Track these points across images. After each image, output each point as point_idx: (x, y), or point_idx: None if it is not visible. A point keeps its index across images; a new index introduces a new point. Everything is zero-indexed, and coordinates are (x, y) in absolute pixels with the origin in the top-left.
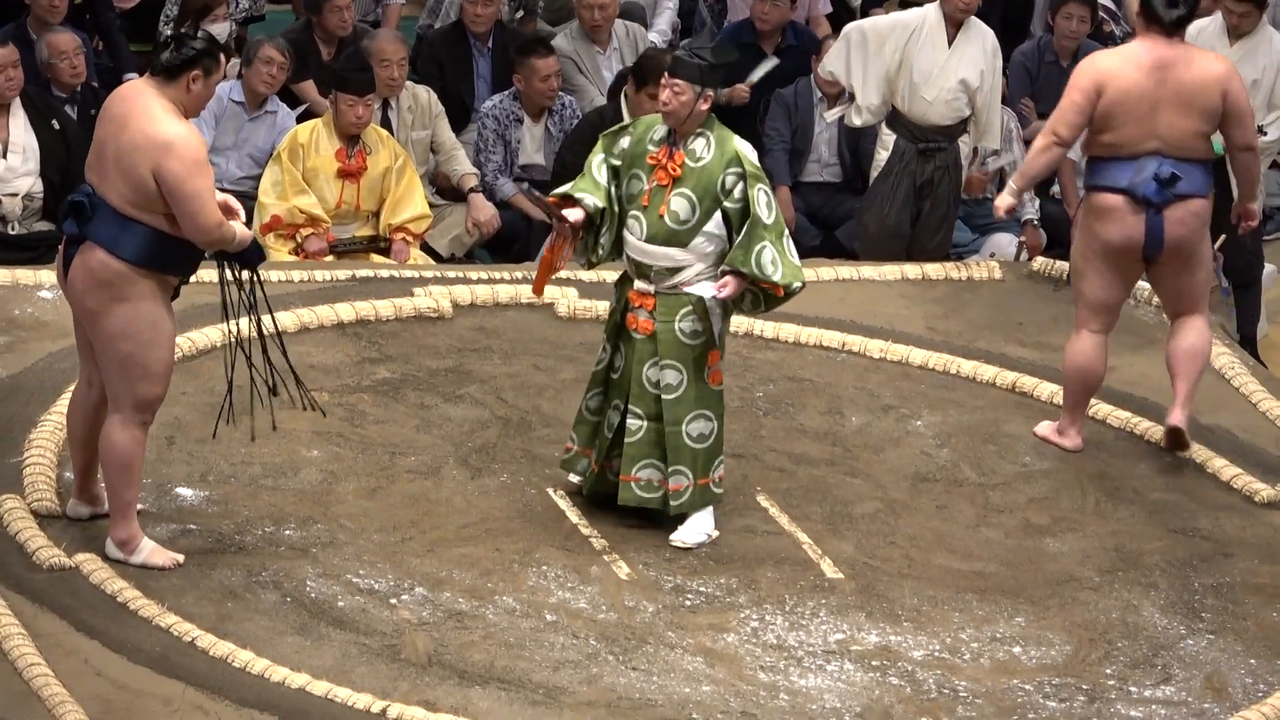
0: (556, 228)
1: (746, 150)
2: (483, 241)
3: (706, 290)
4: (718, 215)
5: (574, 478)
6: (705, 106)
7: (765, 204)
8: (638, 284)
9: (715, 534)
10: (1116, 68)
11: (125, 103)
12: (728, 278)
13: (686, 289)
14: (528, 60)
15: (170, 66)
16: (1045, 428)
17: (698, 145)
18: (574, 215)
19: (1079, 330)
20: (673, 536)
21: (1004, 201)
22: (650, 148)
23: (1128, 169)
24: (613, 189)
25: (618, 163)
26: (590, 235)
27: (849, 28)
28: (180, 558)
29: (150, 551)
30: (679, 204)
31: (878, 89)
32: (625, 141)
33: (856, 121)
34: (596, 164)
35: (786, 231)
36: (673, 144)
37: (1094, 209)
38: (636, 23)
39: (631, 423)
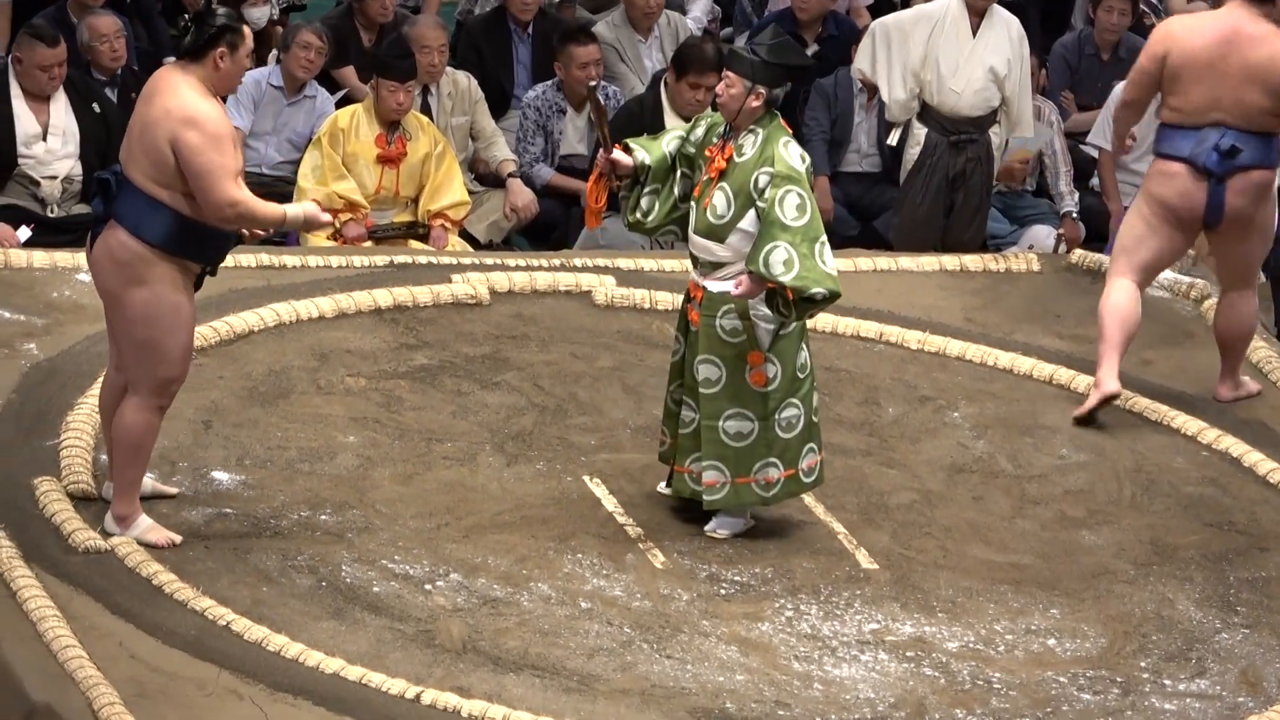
0: (599, 159)
1: (787, 153)
2: (520, 227)
3: (728, 288)
4: (752, 214)
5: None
6: (756, 103)
7: (794, 206)
8: (692, 275)
9: (750, 524)
10: (1185, 33)
11: (155, 83)
12: (742, 276)
13: (715, 285)
14: (567, 47)
15: (195, 47)
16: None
17: (746, 142)
18: (616, 154)
19: (1115, 279)
20: (707, 527)
21: (1113, 145)
22: (714, 140)
23: (1191, 138)
24: (679, 168)
25: (692, 149)
26: (635, 192)
27: (875, 24)
28: (177, 538)
29: (146, 528)
30: (718, 198)
31: (904, 83)
32: (700, 130)
33: (889, 118)
34: (670, 135)
35: (822, 238)
36: (727, 138)
37: (1158, 174)
38: (675, 11)
39: (685, 414)
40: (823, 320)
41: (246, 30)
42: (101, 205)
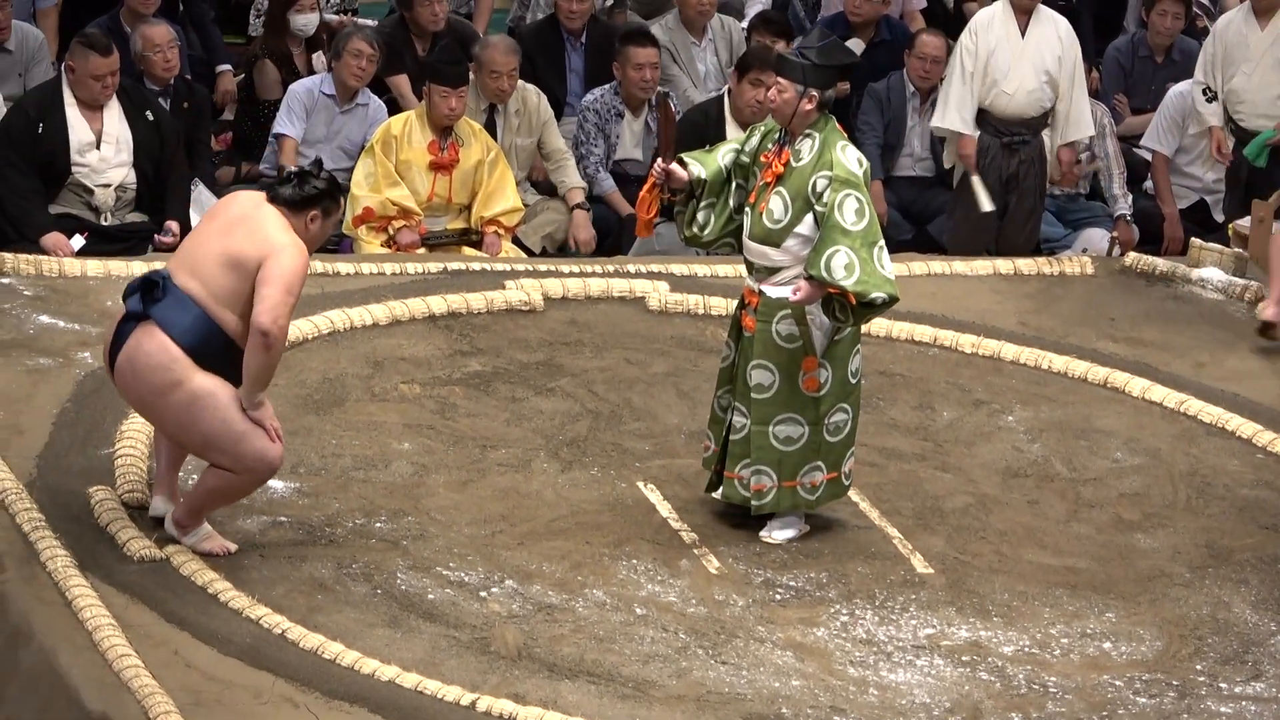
0: (654, 168)
1: (845, 157)
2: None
3: (785, 294)
4: (810, 218)
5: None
6: (810, 107)
7: (854, 210)
8: (747, 281)
9: (805, 529)
10: None
11: (247, 208)
12: (801, 281)
13: (773, 291)
14: (626, 49)
15: (292, 202)
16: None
17: (803, 146)
18: (673, 165)
19: None
20: (762, 532)
21: None
22: (769, 146)
23: None
24: (734, 180)
25: (747, 159)
26: (691, 206)
27: (950, 73)
28: (233, 547)
29: (203, 537)
30: (775, 203)
31: (972, 97)
32: (755, 139)
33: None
34: (725, 148)
35: (880, 243)
36: (783, 143)
37: None
38: (732, 17)
39: (737, 420)
40: (877, 325)
41: (343, 200)
42: (140, 304)
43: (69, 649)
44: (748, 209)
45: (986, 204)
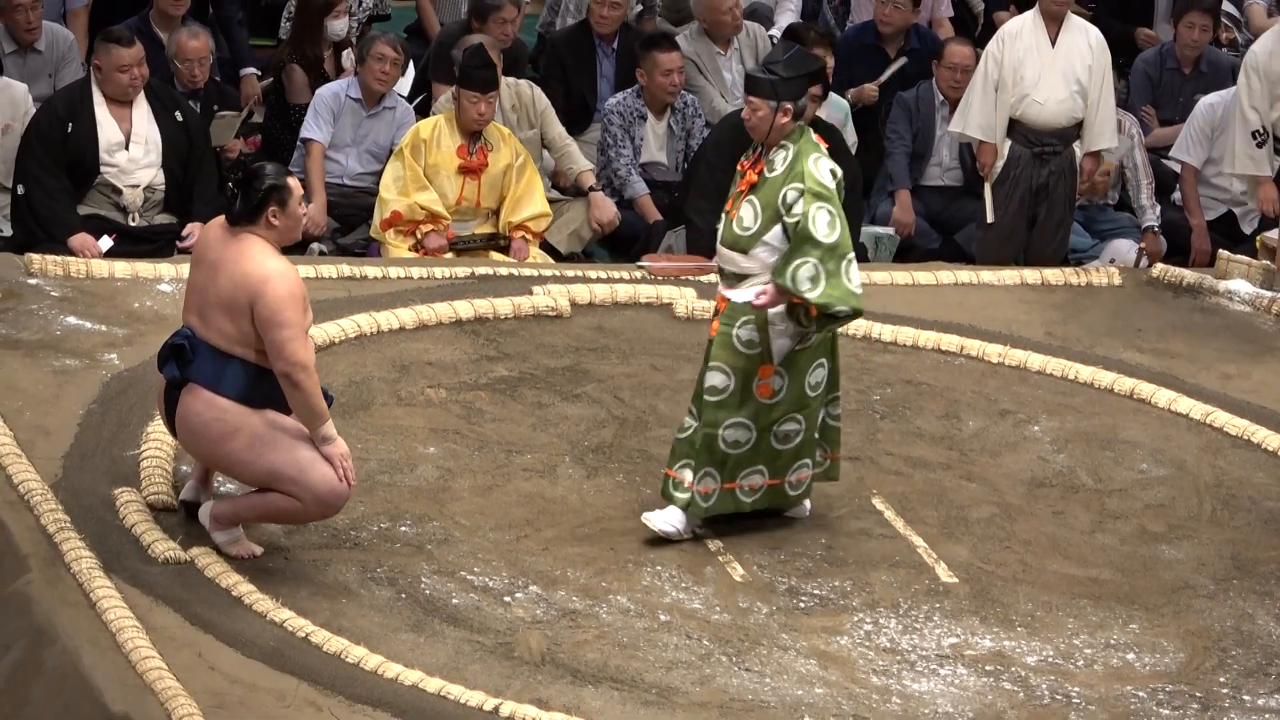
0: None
1: (816, 169)
2: (601, 237)
3: (747, 297)
4: (778, 228)
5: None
6: (785, 120)
7: (825, 223)
8: (719, 288)
9: (686, 537)
10: None
11: (220, 248)
12: (767, 286)
13: (738, 295)
14: (650, 54)
15: (249, 213)
16: None
17: (777, 158)
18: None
19: None
20: (645, 514)
21: None
22: (748, 155)
23: None
24: None
25: None
26: None
27: (975, 77)
28: (258, 550)
29: (232, 539)
30: (745, 210)
31: (990, 110)
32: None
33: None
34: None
35: (850, 255)
36: (760, 153)
37: None
38: (760, 23)
39: (686, 420)
40: (903, 334)
41: (292, 182)
42: (176, 370)
43: (93, 650)
44: (723, 215)
45: (990, 215)
